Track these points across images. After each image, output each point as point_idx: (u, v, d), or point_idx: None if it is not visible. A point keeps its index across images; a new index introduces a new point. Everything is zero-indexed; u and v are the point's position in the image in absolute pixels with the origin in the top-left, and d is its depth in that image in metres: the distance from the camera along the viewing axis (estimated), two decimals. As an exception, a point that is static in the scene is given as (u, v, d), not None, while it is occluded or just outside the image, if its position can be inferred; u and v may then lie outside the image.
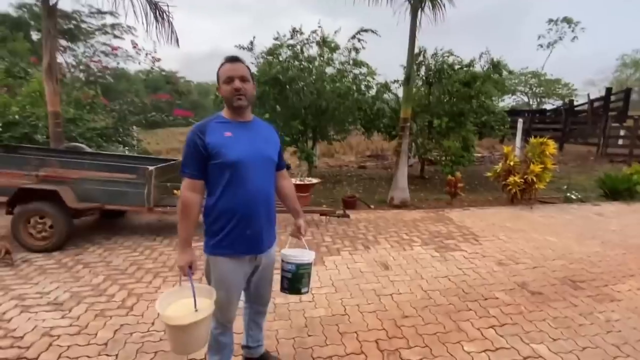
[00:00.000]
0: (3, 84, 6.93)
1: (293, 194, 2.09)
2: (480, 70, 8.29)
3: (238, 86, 1.68)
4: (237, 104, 1.70)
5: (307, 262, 1.93)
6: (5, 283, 3.28)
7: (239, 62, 1.74)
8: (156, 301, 1.69)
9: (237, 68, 1.71)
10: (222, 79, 1.70)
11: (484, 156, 13.29)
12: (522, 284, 3.40)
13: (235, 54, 1.78)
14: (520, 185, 6.28)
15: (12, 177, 4.08)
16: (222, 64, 1.74)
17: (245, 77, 1.72)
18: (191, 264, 1.72)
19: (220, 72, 1.73)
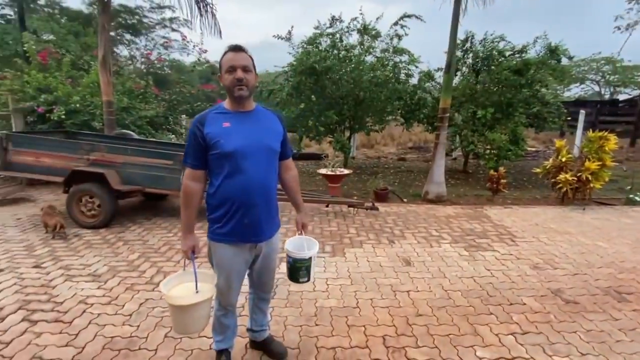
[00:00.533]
0: (68, 76, 7.68)
1: (295, 186, 2.09)
2: (535, 56, 7.57)
3: (240, 76, 1.68)
4: (237, 94, 1.71)
5: (303, 258, 1.93)
6: (57, 254, 3.69)
7: (242, 51, 1.73)
8: (161, 282, 1.80)
9: (240, 58, 1.70)
10: (225, 68, 1.70)
11: (538, 150, 12.25)
12: (557, 290, 3.12)
13: (239, 44, 1.76)
14: (573, 183, 5.70)
15: (68, 160, 4.56)
16: (225, 52, 1.73)
17: (248, 67, 1.71)
18: (194, 249, 1.81)
19: (222, 61, 1.73)
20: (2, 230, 4.40)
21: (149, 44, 22.06)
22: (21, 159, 4.66)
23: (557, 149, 6.13)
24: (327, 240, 4.24)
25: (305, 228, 2.10)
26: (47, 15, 19.96)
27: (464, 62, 8.21)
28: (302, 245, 2.01)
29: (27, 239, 4.12)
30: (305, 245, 2.01)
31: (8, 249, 3.80)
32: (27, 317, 2.57)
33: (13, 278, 3.15)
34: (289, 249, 1.96)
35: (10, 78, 7.04)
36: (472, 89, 8.08)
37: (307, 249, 1.99)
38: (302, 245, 2.01)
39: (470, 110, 7.58)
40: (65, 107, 6.59)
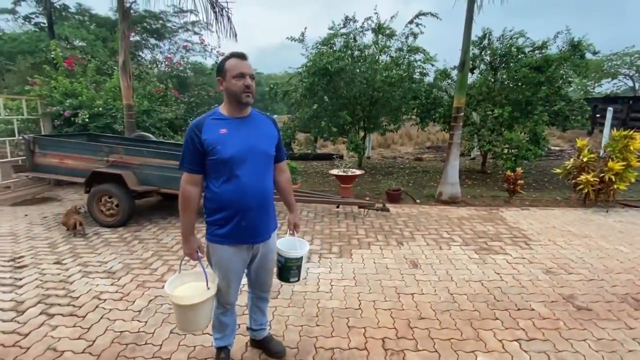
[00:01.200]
0: (93, 81, 8.05)
1: (288, 188, 2.12)
2: (557, 52, 7.29)
3: (249, 83, 1.73)
4: (245, 100, 1.76)
5: (295, 257, 1.97)
6: (77, 251, 3.89)
7: (247, 59, 1.78)
8: (165, 284, 1.88)
9: (248, 65, 1.75)
10: (233, 73, 1.73)
11: (563, 150, 11.78)
12: (569, 296, 3.01)
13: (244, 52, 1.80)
14: (595, 184, 5.46)
15: (88, 162, 4.79)
16: (228, 58, 1.78)
17: (254, 76, 1.78)
18: (199, 249, 1.88)
19: (228, 65, 1.75)
20: (30, 228, 4.68)
21: (172, 47, 22.75)
22: (47, 160, 4.94)
23: (579, 148, 5.89)
24: (335, 241, 4.26)
25: (297, 228, 2.13)
26: (78, 22, 20.93)
27: (482, 60, 8.01)
28: (293, 245, 2.05)
29: (51, 236, 4.36)
30: (297, 245, 2.05)
31: (33, 246, 4.04)
32: (45, 310, 2.73)
33: (35, 273, 3.35)
34: (280, 248, 2.00)
35: (40, 84, 7.44)
36: (489, 87, 7.87)
37: (299, 248, 2.02)
38: (293, 245, 2.05)
39: (487, 109, 7.39)
40: (89, 110, 6.91)
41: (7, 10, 21.58)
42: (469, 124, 7.55)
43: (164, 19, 22.16)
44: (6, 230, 4.58)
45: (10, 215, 5.26)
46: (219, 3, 6.94)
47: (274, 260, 2.11)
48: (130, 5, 6.25)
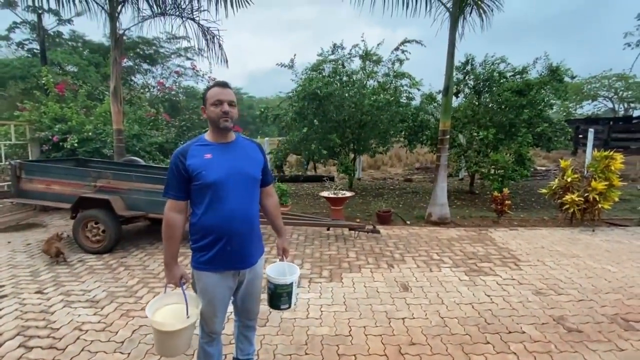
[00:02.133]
0: (83, 106, 8.08)
1: (276, 212, 2.13)
2: (537, 77, 7.61)
3: (226, 109, 1.78)
4: (223, 125, 1.80)
5: (285, 284, 1.95)
6: (60, 279, 3.78)
7: (228, 87, 1.85)
8: (146, 307, 1.83)
9: (227, 93, 1.82)
10: (211, 101, 1.80)
11: (549, 169, 12.04)
12: (559, 318, 3.01)
13: (225, 81, 1.89)
14: (580, 204, 5.57)
15: (76, 187, 4.73)
16: (211, 87, 1.86)
17: (233, 102, 1.83)
18: (182, 277, 1.85)
19: (208, 94, 1.83)
20: (12, 255, 4.54)
21: (165, 72, 23.05)
22: (33, 186, 4.86)
23: (563, 169, 6.04)
24: (325, 265, 4.22)
25: (286, 253, 2.12)
26: (71, 48, 21.17)
27: (466, 84, 8.29)
28: (283, 271, 2.03)
29: (34, 264, 4.24)
30: (287, 270, 2.03)
31: (15, 274, 3.92)
32: (23, 343, 2.62)
33: (15, 304, 3.23)
34: (270, 274, 1.98)
35: (29, 109, 7.44)
36: (474, 110, 8.12)
37: (288, 274, 2.00)
38: (283, 270, 2.03)
39: (473, 131, 7.59)
40: (79, 135, 6.90)
41: (1, 37, 21.77)
42: (455, 145, 7.71)
43: (157, 45, 22.58)
44: (-14, 258, 4.44)
45: (-8, 243, 5.12)
46: (210, 31, 7.14)
47: (261, 286, 2.08)
48: (123, 32, 6.38)
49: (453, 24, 5.79)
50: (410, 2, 6.04)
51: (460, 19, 5.94)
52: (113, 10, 6.17)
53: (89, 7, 6.30)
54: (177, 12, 6.72)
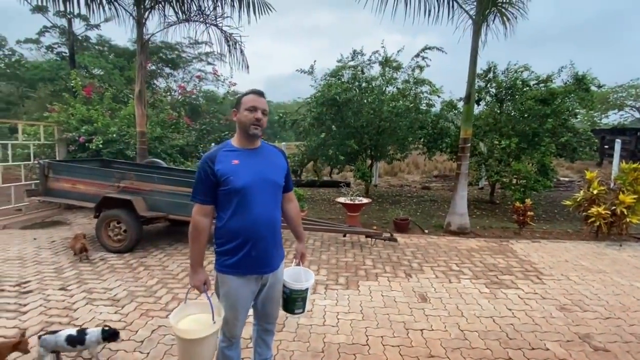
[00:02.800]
0: (109, 108, 8.35)
1: (297, 217, 2.14)
2: (561, 85, 7.41)
3: (259, 117, 1.82)
4: (252, 132, 1.83)
5: (300, 289, 1.94)
6: (83, 277, 3.88)
7: (263, 97, 1.89)
8: (170, 315, 1.86)
9: (262, 101, 1.86)
10: (246, 106, 1.83)
11: (572, 181, 11.67)
12: (585, 336, 2.89)
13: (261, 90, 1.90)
14: (607, 217, 5.37)
15: (100, 187, 4.87)
16: (247, 93, 1.88)
17: (266, 112, 1.86)
18: (206, 282, 1.87)
19: (244, 99, 1.86)
20: (37, 252, 4.71)
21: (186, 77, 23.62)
22: (59, 185, 5.04)
23: (588, 180, 5.84)
24: (341, 272, 4.19)
25: (304, 258, 2.13)
26: (98, 52, 21.96)
27: (487, 92, 8.15)
28: (298, 276, 2.02)
29: (58, 261, 4.38)
30: (302, 275, 2.02)
31: (40, 271, 4.05)
32: (48, 338, 2.69)
33: (40, 299, 3.34)
34: (285, 279, 1.98)
35: (58, 111, 7.73)
36: (495, 118, 7.96)
37: (304, 279, 1.99)
38: (298, 275, 2.03)
39: (494, 139, 7.44)
40: (104, 137, 7.12)
41: (31, 40, 22.79)
42: (476, 154, 7.57)
43: (179, 49, 23.18)
44: (14, 254, 4.62)
45: (20, 239, 5.31)
46: (232, 37, 7.28)
47: (281, 290, 2.09)
48: (148, 38, 6.57)
49: (476, 31, 5.72)
50: (432, 10, 6.00)
51: (483, 26, 5.86)
52: (140, 17, 6.37)
53: (118, 14, 6.53)
54: (201, 19, 6.88)
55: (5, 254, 4.62)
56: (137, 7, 6.41)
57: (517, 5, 5.93)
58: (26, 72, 21.86)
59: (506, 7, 5.91)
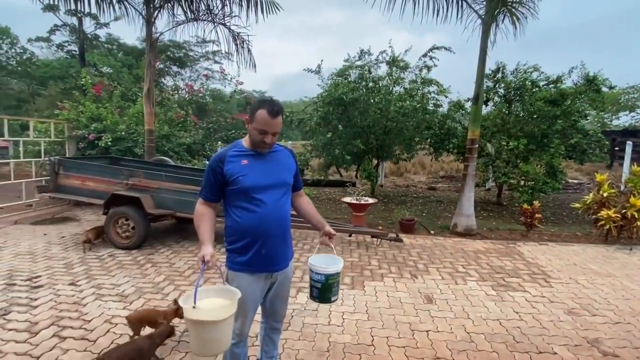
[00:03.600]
0: (117, 106, 8.44)
1: (312, 209, 2.15)
2: (572, 86, 7.32)
3: (268, 141, 1.80)
4: (260, 151, 1.86)
5: (336, 272, 1.89)
6: (92, 272, 3.93)
7: (279, 116, 1.80)
8: (180, 299, 1.82)
9: (275, 124, 1.78)
10: (257, 126, 1.77)
11: (581, 183, 11.53)
12: (594, 340, 2.86)
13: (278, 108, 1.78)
14: (617, 221, 5.29)
15: (109, 184, 4.93)
16: (263, 106, 1.78)
17: (277, 132, 1.82)
18: (210, 256, 1.75)
19: (258, 116, 1.77)
20: (48, 247, 4.78)
21: (193, 75, 23.77)
22: (69, 182, 5.10)
23: (598, 183, 5.76)
24: (347, 272, 4.19)
25: (332, 237, 2.01)
26: (107, 50, 22.20)
27: (496, 92, 8.08)
28: (326, 262, 1.95)
29: (68, 256, 4.44)
30: (330, 261, 1.96)
31: (50, 266, 4.11)
32: (57, 332, 2.74)
33: (50, 294, 3.39)
34: (318, 265, 1.90)
35: (68, 109, 7.83)
36: (504, 119, 7.89)
37: (333, 264, 1.93)
38: (326, 261, 1.96)
39: (502, 140, 7.38)
40: (113, 134, 7.20)
41: (42, 39, 23.10)
42: (483, 155, 7.52)
43: (186, 48, 23.33)
44: (25, 249, 4.69)
45: (30, 234, 5.40)
46: (240, 36, 7.31)
47: (290, 288, 2.10)
48: (157, 36, 6.63)
49: (485, 31, 5.67)
50: (441, 9, 5.96)
51: (492, 26, 5.81)
52: (150, 16, 6.43)
53: (127, 12, 6.59)
54: (210, 18, 6.92)
55: (16, 248, 4.70)
56: (146, 6, 6.46)
57: (527, 5, 5.87)
58: (37, 70, 22.19)
59: (516, 6, 5.84)
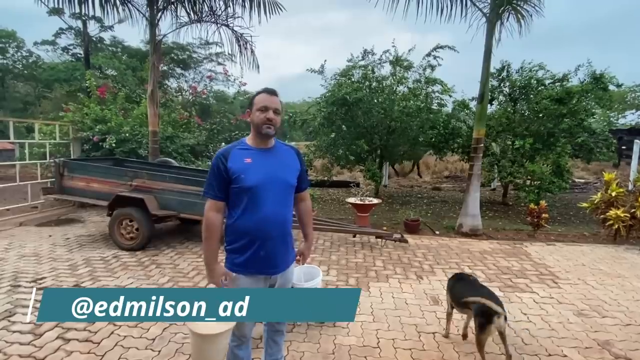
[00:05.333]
0: (122, 108, 8.47)
1: (307, 218, 2.13)
2: (578, 84, 7.23)
3: (271, 117, 1.80)
4: (265, 131, 1.82)
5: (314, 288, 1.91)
6: (96, 274, 3.93)
7: (276, 95, 1.86)
8: None
9: (273, 101, 1.83)
10: (257, 106, 1.82)
11: (588, 182, 11.40)
12: (605, 343, 2.80)
13: (274, 88, 1.87)
14: (626, 220, 5.21)
15: (113, 185, 4.93)
16: (259, 92, 1.86)
17: (278, 110, 1.84)
18: (225, 276, 1.84)
19: (256, 99, 1.85)
20: (52, 249, 4.79)
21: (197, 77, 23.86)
22: (74, 183, 5.12)
23: (606, 182, 5.68)
24: (351, 273, 4.16)
25: (304, 258, 2.14)
26: (111, 53, 22.35)
27: (501, 91, 8.01)
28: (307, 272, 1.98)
29: (72, 258, 4.44)
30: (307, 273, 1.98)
31: (55, 267, 4.12)
32: (61, 335, 2.73)
33: (55, 296, 3.38)
34: (296, 282, 1.94)
35: (73, 111, 7.86)
36: (509, 118, 7.82)
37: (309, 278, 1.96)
38: (306, 272, 1.99)
39: (507, 139, 7.31)
40: (117, 136, 7.22)
41: (48, 42, 23.33)
42: (488, 154, 7.45)
43: (190, 50, 23.44)
44: (30, 250, 4.71)
45: (36, 236, 5.42)
46: (243, 37, 7.30)
47: None
48: (161, 38, 6.64)
49: (490, 29, 5.62)
50: (444, 8, 5.92)
51: (497, 24, 5.75)
52: (153, 18, 6.44)
53: (131, 15, 6.62)
54: (213, 19, 6.93)
55: (22, 250, 4.71)
56: (150, 8, 6.48)
57: (533, 3, 5.81)
58: (43, 73, 22.39)
59: (521, 4, 5.78)
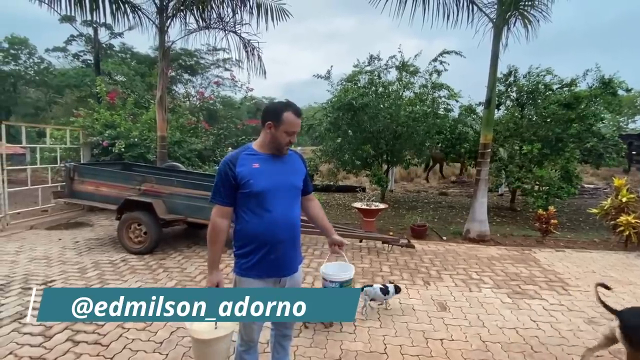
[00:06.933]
0: (130, 113, 8.61)
1: (321, 213, 2.15)
2: (587, 89, 7.17)
3: (294, 141, 1.86)
4: (285, 152, 1.88)
5: (349, 279, 1.91)
6: (105, 277, 3.97)
7: (301, 117, 1.90)
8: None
9: (299, 124, 1.88)
10: (287, 128, 1.79)
11: (598, 188, 11.25)
12: (617, 352, 2.75)
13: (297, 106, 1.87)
14: (637, 226, 5.13)
15: (122, 190, 4.99)
16: (287, 109, 1.81)
17: (298, 132, 1.89)
18: (218, 284, 1.88)
19: (286, 118, 1.79)
20: (62, 252, 4.85)
21: (204, 82, 24.12)
22: (84, 187, 5.19)
23: (617, 187, 5.61)
24: (358, 278, 4.14)
25: (342, 246, 2.10)
26: (121, 59, 22.71)
27: (508, 96, 7.98)
28: (338, 269, 1.98)
29: (82, 261, 4.50)
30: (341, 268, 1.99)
31: (64, 270, 4.17)
32: (71, 337, 2.76)
33: (64, 298, 3.42)
34: (331, 273, 1.93)
35: (83, 116, 8.00)
36: (516, 123, 7.77)
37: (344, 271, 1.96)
38: (338, 269, 1.99)
39: (515, 145, 7.26)
40: (126, 141, 7.33)
41: (59, 49, 23.78)
42: (496, 159, 7.41)
43: (198, 56, 23.73)
44: (41, 253, 4.77)
45: (46, 239, 5.50)
46: (250, 43, 7.39)
47: None
48: (170, 45, 6.75)
49: (496, 35, 5.61)
50: (451, 13, 5.93)
51: (504, 29, 5.75)
52: (162, 25, 6.55)
53: (141, 22, 6.73)
54: (221, 26, 7.02)
55: (32, 253, 4.78)
56: (159, 15, 6.59)
57: (540, 8, 5.80)
58: (54, 79, 22.81)
59: (528, 9, 5.77)
